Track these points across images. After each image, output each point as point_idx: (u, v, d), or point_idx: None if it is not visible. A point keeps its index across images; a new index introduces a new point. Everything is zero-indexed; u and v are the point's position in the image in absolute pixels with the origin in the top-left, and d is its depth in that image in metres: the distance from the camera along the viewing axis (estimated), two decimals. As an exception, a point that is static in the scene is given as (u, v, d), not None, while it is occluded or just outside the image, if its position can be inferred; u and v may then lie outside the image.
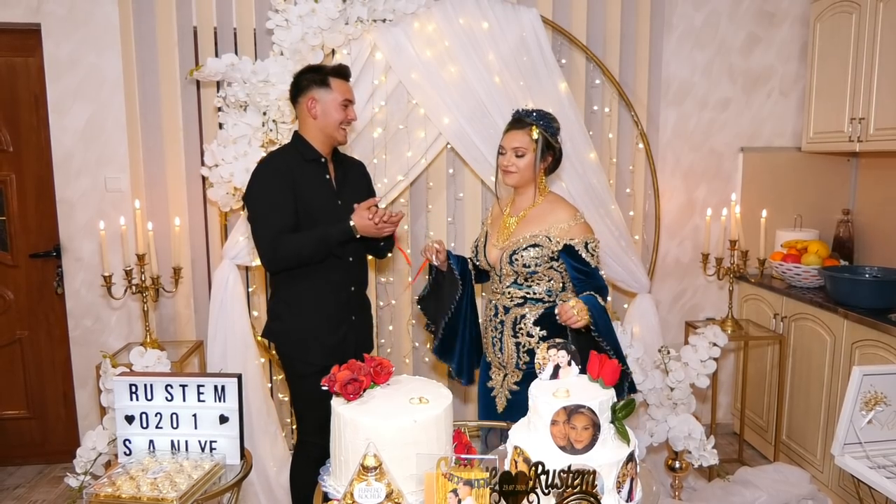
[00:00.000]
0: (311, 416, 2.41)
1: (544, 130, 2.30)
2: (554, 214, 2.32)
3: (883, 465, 1.95)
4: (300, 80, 2.40)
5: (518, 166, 2.31)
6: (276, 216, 2.28)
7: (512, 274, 2.31)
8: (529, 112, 2.35)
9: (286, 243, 2.27)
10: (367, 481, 1.43)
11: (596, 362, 1.62)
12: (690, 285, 3.78)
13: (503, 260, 2.31)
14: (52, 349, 3.45)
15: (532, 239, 2.28)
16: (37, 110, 3.28)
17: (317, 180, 2.40)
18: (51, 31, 3.14)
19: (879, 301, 2.87)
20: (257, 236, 2.32)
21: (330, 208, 2.39)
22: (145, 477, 1.75)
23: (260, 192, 2.32)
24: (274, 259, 2.30)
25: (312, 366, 2.35)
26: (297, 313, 2.41)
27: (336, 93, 2.38)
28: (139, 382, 1.92)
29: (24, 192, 3.35)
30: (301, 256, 2.29)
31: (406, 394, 1.65)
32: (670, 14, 3.54)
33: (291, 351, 2.44)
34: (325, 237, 2.28)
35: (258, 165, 2.42)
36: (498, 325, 2.37)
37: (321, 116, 2.37)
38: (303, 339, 2.40)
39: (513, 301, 2.32)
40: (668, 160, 3.64)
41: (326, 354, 2.34)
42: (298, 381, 2.45)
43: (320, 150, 2.41)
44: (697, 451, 2.83)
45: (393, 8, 2.99)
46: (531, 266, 2.27)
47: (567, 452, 1.44)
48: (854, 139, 3.14)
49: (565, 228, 2.27)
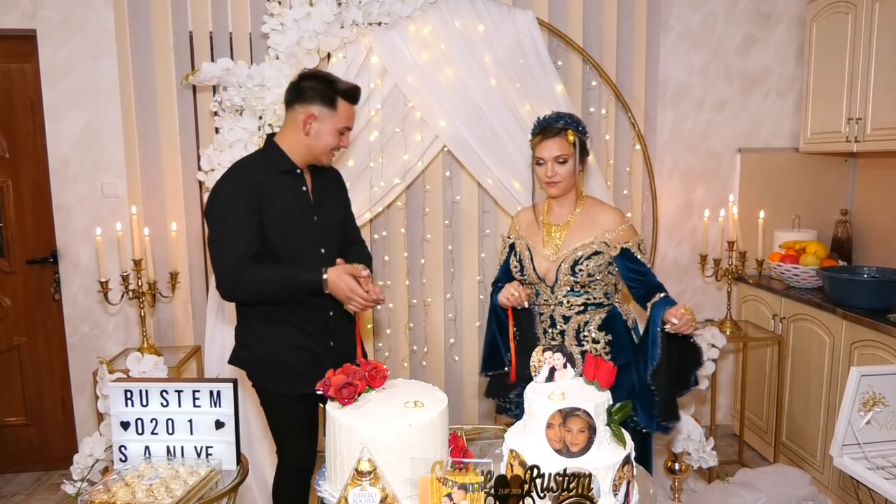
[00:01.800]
0: (292, 444, 2.29)
1: (579, 134, 2.26)
2: (601, 217, 2.28)
3: (882, 465, 1.94)
4: (303, 87, 2.12)
5: (562, 175, 2.25)
6: (239, 239, 2.03)
7: (570, 283, 2.25)
8: (558, 117, 2.27)
9: (249, 276, 2.02)
10: (362, 486, 1.43)
11: (591, 364, 1.61)
12: (689, 286, 3.77)
13: (561, 271, 2.24)
14: (49, 355, 3.44)
15: (591, 247, 2.23)
16: (33, 116, 3.28)
17: (291, 193, 2.15)
18: (46, 36, 3.14)
19: (878, 301, 2.86)
20: (217, 260, 2.07)
21: (305, 225, 2.15)
22: (141, 483, 1.74)
23: (222, 210, 2.06)
24: (232, 289, 2.06)
25: (288, 397, 2.19)
26: (268, 342, 2.18)
27: (339, 117, 2.13)
28: (134, 388, 1.92)
29: (21, 198, 3.35)
30: (262, 294, 2.07)
31: (401, 398, 1.64)
32: (667, 15, 3.54)
33: (265, 383, 2.23)
34: (292, 281, 2.04)
35: (222, 177, 2.15)
36: (557, 335, 2.29)
37: (314, 136, 2.12)
38: (276, 370, 2.18)
39: (572, 309, 2.27)
40: (665, 162, 3.64)
41: (301, 383, 2.12)
42: (275, 412, 2.26)
43: (298, 162, 2.16)
44: (697, 453, 2.82)
45: (388, 11, 2.99)
46: (595, 274, 2.23)
47: (563, 455, 1.43)
48: (851, 139, 3.14)
49: (620, 232, 2.25)
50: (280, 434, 2.30)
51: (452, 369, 3.50)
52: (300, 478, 2.32)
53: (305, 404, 2.23)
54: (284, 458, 2.32)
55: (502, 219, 3.38)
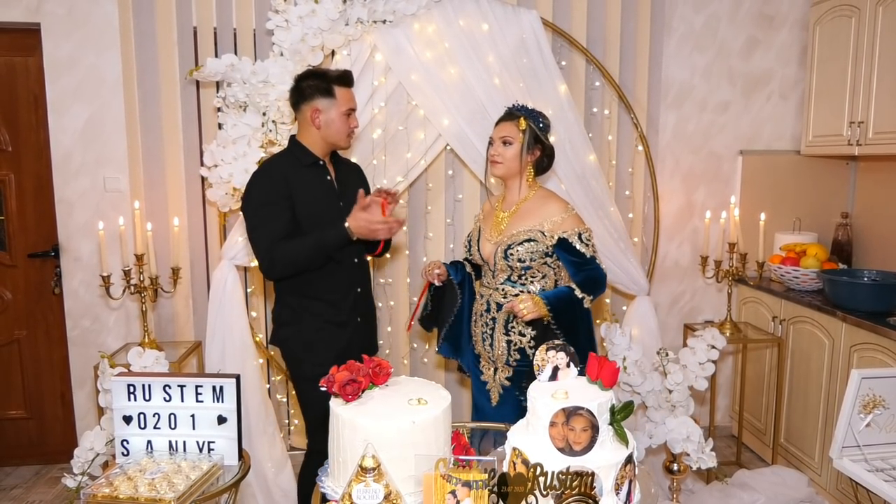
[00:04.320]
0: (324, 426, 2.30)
1: (532, 122, 2.34)
2: (546, 208, 2.34)
3: (881, 468, 1.95)
4: (302, 87, 2.35)
5: (504, 156, 2.35)
6: (272, 224, 2.25)
7: (506, 269, 2.32)
8: (519, 106, 2.40)
9: (282, 251, 2.24)
10: (366, 482, 1.43)
11: (595, 364, 1.61)
12: (689, 288, 3.78)
13: (497, 255, 2.32)
14: (50, 349, 3.45)
15: (527, 233, 2.29)
16: (36, 110, 3.28)
17: (317, 183, 2.37)
18: (50, 30, 3.14)
19: (878, 304, 2.87)
20: (255, 245, 2.30)
21: (333, 211, 2.35)
22: (143, 477, 1.74)
23: (256, 199, 2.29)
24: (272, 268, 2.28)
25: (321, 367, 2.20)
26: (303, 318, 2.38)
27: (340, 102, 2.34)
28: (137, 383, 1.92)
29: (23, 192, 3.35)
30: (298, 263, 2.26)
31: (405, 395, 1.65)
32: (670, 17, 3.54)
33: (299, 353, 2.40)
34: (321, 242, 2.24)
35: (254, 173, 2.38)
36: (490, 321, 2.37)
37: (325, 127, 2.34)
38: (309, 341, 2.37)
39: (506, 298, 2.33)
40: (667, 162, 3.65)
41: (334, 359, 2.20)
42: (308, 385, 2.36)
43: (319, 154, 2.39)
44: (696, 454, 2.82)
45: (393, 9, 2.99)
46: (526, 261, 2.28)
47: (566, 454, 1.43)
48: (853, 143, 3.14)
49: (558, 221, 2.29)
50: (314, 416, 2.38)
51: (452, 367, 3.50)
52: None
53: None
54: (317, 441, 2.34)
55: (504, 218, 3.39)
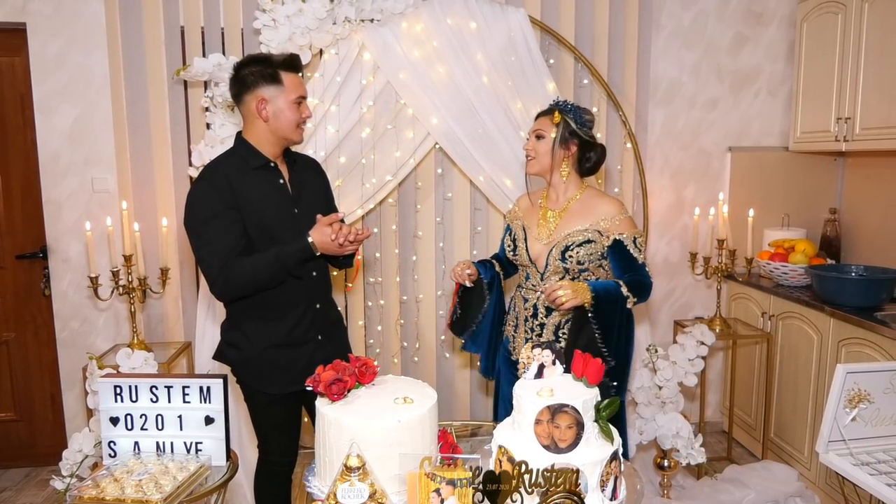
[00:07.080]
0: (275, 440, 2.30)
1: (568, 116, 2.23)
2: (600, 207, 2.25)
3: (866, 462, 1.96)
4: (244, 76, 2.07)
5: (537, 150, 2.26)
6: (224, 239, 2.01)
7: (560, 271, 2.22)
8: (560, 101, 2.30)
9: (238, 270, 2.00)
10: (351, 481, 1.43)
11: (580, 361, 1.62)
12: (679, 284, 3.79)
13: (552, 255, 2.22)
14: (39, 351, 3.43)
15: (584, 234, 2.21)
16: (23, 110, 3.26)
17: (268, 188, 2.12)
18: (36, 30, 3.12)
19: (865, 299, 2.88)
20: (204, 265, 2.03)
21: (286, 219, 2.12)
22: (130, 479, 1.73)
23: (201, 214, 2.03)
24: (226, 289, 2.03)
25: (273, 396, 2.19)
26: (255, 341, 2.16)
27: (289, 89, 2.07)
28: (124, 384, 1.91)
29: (10, 193, 3.33)
30: (257, 282, 2.02)
31: (391, 394, 1.64)
32: (658, 14, 3.55)
33: (250, 381, 2.20)
34: (281, 258, 2.00)
35: (195, 182, 2.12)
36: (537, 326, 2.26)
37: (273, 118, 2.07)
38: (261, 369, 2.17)
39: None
40: (656, 160, 3.66)
41: (290, 382, 2.14)
42: (260, 409, 2.25)
43: (269, 153, 2.13)
44: (686, 450, 2.84)
45: (381, 8, 2.99)
46: (584, 263, 2.20)
47: (551, 451, 1.44)
48: (840, 139, 3.16)
49: (615, 222, 2.22)
50: (264, 430, 2.30)
51: (443, 365, 3.51)
52: (283, 472, 2.34)
53: (290, 401, 2.24)
54: (267, 453, 2.33)
55: (494, 216, 3.39)
